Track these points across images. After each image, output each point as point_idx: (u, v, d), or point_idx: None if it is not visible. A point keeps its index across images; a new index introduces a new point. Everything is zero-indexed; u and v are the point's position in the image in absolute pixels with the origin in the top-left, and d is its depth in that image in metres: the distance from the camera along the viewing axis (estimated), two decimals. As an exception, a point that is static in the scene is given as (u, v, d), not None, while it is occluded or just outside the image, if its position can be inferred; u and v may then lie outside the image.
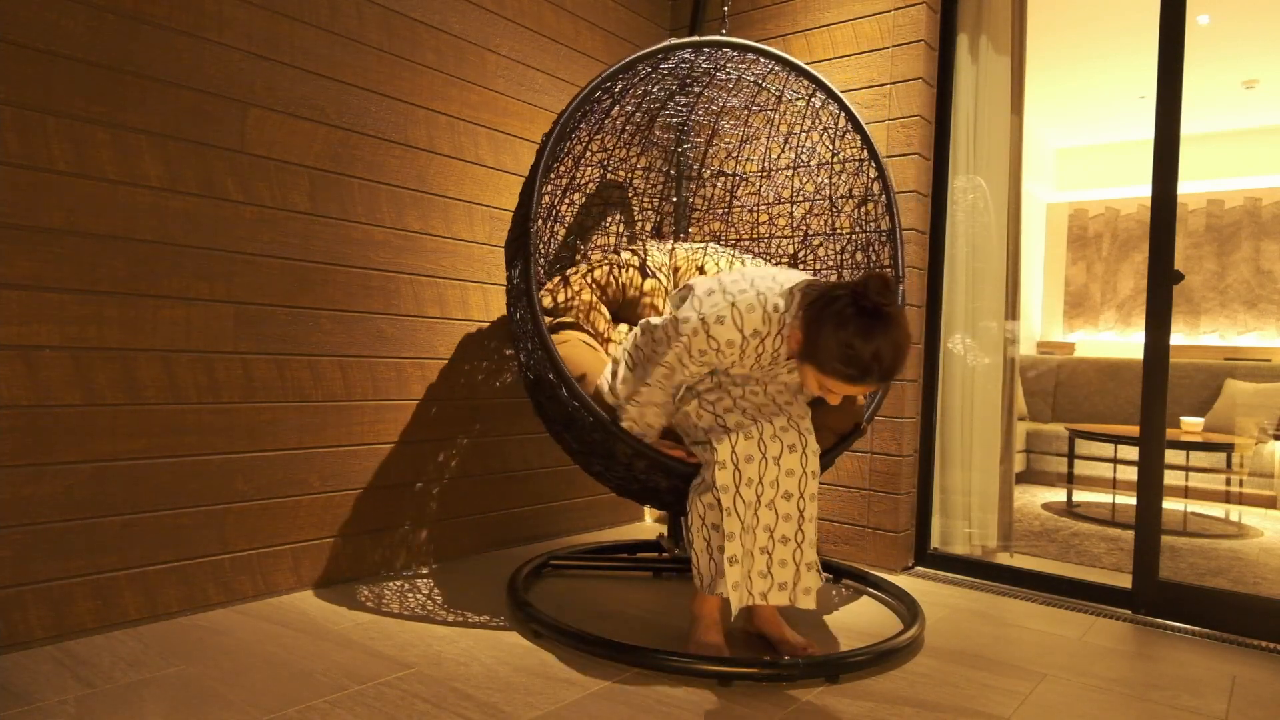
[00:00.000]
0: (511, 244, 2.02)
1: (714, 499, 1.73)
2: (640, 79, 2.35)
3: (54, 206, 1.73)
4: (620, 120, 2.56)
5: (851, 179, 2.48)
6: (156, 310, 1.89)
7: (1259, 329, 5.54)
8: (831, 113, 2.44)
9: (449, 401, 2.52)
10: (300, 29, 2.12)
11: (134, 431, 1.86)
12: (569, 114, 1.96)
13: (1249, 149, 5.63)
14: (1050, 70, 4.90)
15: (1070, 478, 4.41)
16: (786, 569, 1.78)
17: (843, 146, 2.48)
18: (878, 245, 2.38)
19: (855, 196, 2.47)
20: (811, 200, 2.60)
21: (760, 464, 1.75)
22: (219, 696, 1.52)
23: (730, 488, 1.72)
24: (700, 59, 2.35)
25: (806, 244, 2.61)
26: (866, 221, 2.44)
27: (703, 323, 1.70)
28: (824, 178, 2.57)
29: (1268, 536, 3.68)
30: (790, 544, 1.78)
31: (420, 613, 2.05)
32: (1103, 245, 6.18)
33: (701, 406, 1.83)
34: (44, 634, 1.73)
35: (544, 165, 1.92)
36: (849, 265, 2.51)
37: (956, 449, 2.76)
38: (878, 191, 2.38)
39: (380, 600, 2.13)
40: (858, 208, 2.47)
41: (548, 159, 1.93)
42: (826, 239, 2.57)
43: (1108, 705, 1.68)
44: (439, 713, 1.50)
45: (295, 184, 2.13)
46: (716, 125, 2.69)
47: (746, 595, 1.74)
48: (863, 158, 2.41)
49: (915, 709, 1.60)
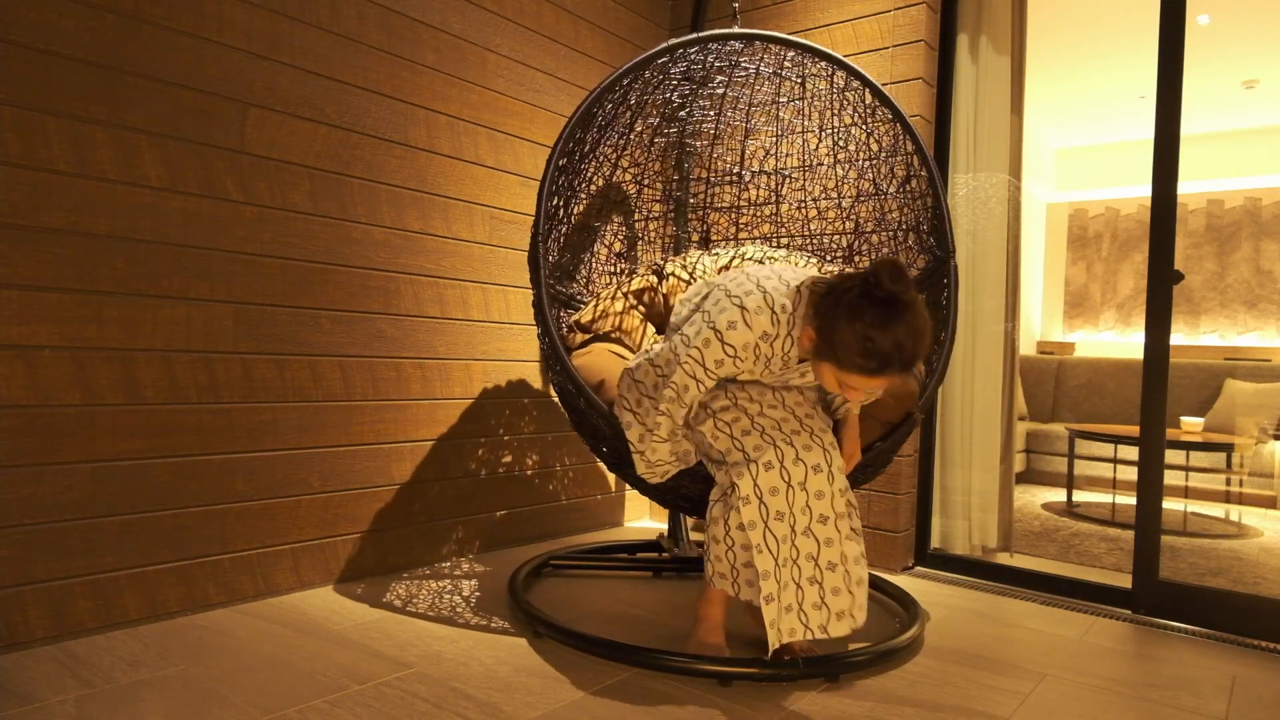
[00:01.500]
0: (530, 259, 2.01)
1: (741, 527, 1.67)
2: (655, 87, 2.34)
3: (54, 206, 1.73)
4: (647, 134, 2.53)
5: (891, 158, 2.36)
6: (156, 310, 1.89)
7: (1259, 329, 5.54)
8: (856, 89, 2.35)
9: (449, 401, 2.52)
10: (300, 29, 2.12)
11: (134, 431, 1.86)
12: (570, 129, 1.95)
13: (1249, 149, 5.63)
14: (1050, 70, 4.90)
15: (1070, 478, 4.41)
16: (841, 597, 1.71)
17: (875, 125, 2.38)
18: (925, 225, 2.25)
19: (898, 175, 2.35)
20: (857, 186, 2.46)
21: (787, 494, 1.67)
22: (219, 696, 1.52)
23: (758, 524, 1.65)
24: (710, 57, 2.33)
25: (860, 234, 2.48)
26: (913, 200, 2.30)
27: (715, 332, 1.62)
28: (864, 160, 2.45)
29: (1268, 536, 3.68)
30: (839, 569, 1.71)
31: (420, 612, 2.05)
32: (1103, 245, 6.18)
33: (717, 427, 1.75)
34: (44, 634, 1.73)
35: (549, 182, 1.91)
36: (902, 248, 2.35)
37: (956, 449, 2.76)
38: (918, 165, 2.25)
39: (380, 600, 2.13)
40: (901, 187, 2.35)
41: (552, 176, 1.92)
42: (879, 226, 2.43)
43: (1108, 705, 1.67)
44: (439, 713, 1.50)
45: (295, 184, 2.13)
46: (749, 124, 2.66)
47: (801, 629, 1.67)
48: (896, 131, 2.31)
49: (915, 709, 1.60)
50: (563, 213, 2.31)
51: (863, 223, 2.49)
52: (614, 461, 2.01)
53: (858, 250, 2.50)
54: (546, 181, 1.95)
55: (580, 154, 2.22)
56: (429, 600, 2.15)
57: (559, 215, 2.21)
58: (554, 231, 2.20)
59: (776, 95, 2.56)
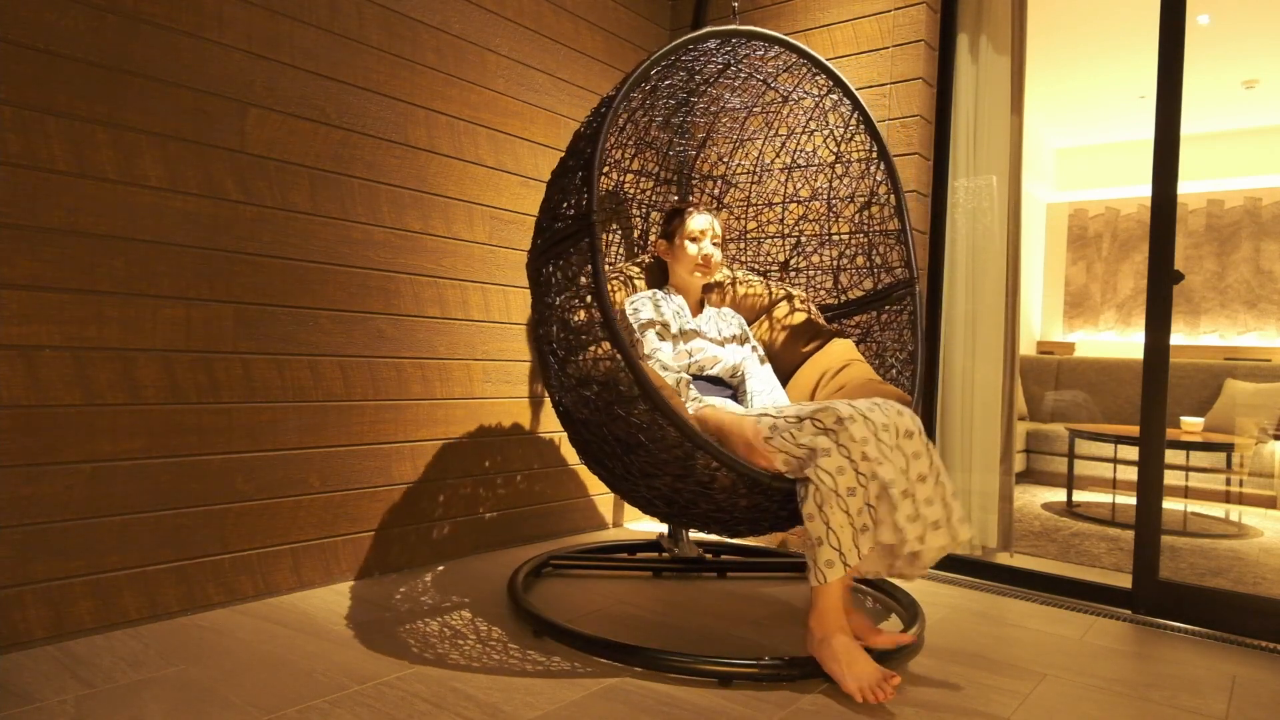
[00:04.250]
0: (560, 242, 1.85)
1: (845, 461, 1.65)
2: (666, 83, 2.34)
3: (54, 206, 1.73)
4: (645, 135, 2.55)
5: (856, 181, 2.44)
6: (156, 310, 1.89)
7: (1259, 329, 5.54)
8: (842, 114, 2.41)
9: (449, 401, 2.52)
10: (300, 29, 2.12)
11: (134, 431, 1.86)
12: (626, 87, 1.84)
13: (1249, 149, 5.63)
14: (1050, 70, 4.90)
15: (1070, 478, 4.41)
16: (934, 507, 1.73)
17: (848, 150, 2.45)
18: (884, 248, 2.36)
19: (859, 199, 2.43)
20: (806, 204, 2.56)
21: (861, 421, 1.70)
22: (219, 696, 1.52)
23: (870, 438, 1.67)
24: (720, 54, 2.32)
25: (799, 250, 2.59)
26: (870, 225, 2.40)
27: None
28: (823, 181, 2.53)
29: (1268, 536, 3.68)
30: (929, 481, 1.74)
31: (420, 612, 2.05)
32: (1103, 245, 6.18)
33: (774, 433, 1.77)
34: (44, 634, 1.73)
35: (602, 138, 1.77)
36: (848, 269, 2.48)
37: (956, 449, 2.76)
38: (884, 194, 2.35)
39: (380, 600, 2.13)
40: (860, 211, 2.43)
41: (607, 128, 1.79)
42: (821, 244, 2.54)
43: (1108, 705, 1.67)
44: (439, 713, 1.50)
45: (295, 184, 2.13)
46: (713, 126, 2.67)
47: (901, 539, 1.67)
48: (871, 158, 2.37)
49: (915, 709, 1.60)
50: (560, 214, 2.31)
51: (805, 240, 2.57)
52: (628, 475, 1.98)
53: (794, 267, 2.59)
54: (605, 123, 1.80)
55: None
56: (429, 600, 2.15)
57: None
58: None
59: (755, 102, 2.57)
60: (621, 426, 1.79)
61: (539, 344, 2.00)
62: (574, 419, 1.95)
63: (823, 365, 2.29)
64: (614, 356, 1.72)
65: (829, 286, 2.51)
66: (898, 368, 2.26)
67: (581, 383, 1.82)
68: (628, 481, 1.95)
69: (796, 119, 2.55)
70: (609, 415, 1.80)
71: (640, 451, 1.81)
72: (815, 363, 2.32)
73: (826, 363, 2.28)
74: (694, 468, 1.77)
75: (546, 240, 1.91)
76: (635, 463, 1.85)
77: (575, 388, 1.86)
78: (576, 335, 1.81)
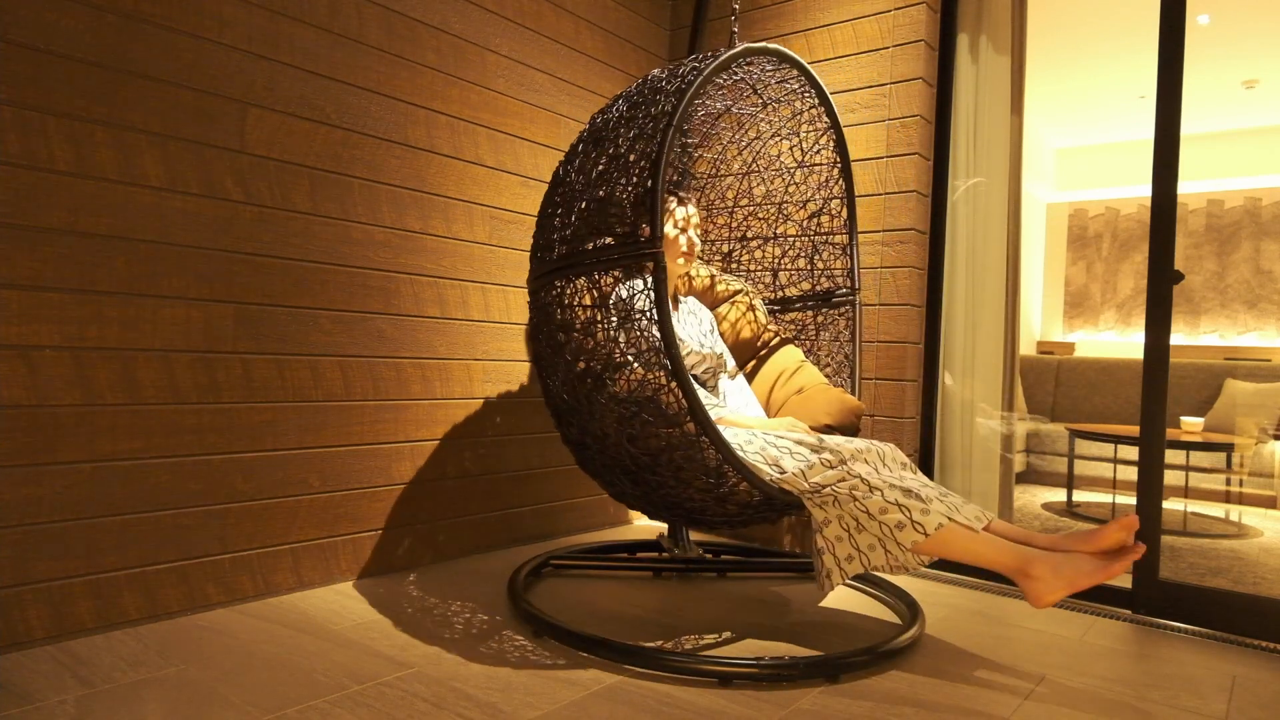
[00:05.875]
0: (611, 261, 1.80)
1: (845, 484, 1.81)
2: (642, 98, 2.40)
3: (54, 206, 1.73)
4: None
5: (814, 190, 2.62)
6: (156, 310, 1.89)
7: (1259, 329, 5.54)
8: (817, 128, 2.54)
9: (449, 402, 2.52)
10: (300, 29, 2.12)
11: (134, 431, 1.86)
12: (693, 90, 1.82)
13: (1249, 149, 5.63)
14: (1050, 70, 4.90)
15: (1070, 478, 4.41)
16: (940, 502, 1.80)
17: (811, 160, 2.60)
18: (827, 254, 2.57)
19: (810, 205, 2.63)
20: (756, 205, 2.75)
21: (863, 465, 1.89)
22: (219, 696, 1.52)
23: (851, 479, 1.81)
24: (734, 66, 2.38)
25: (744, 244, 2.78)
26: (815, 231, 2.61)
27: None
28: (778, 185, 2.70)
29: (1268, 536, 3.68)
30: (920, 488, 1.83)
31: (420, 612, 2.05)
32: (1103, 245, 6.18)
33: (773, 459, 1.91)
34: (44, 634, 1.73)
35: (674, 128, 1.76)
36: (788, 269, 2.67)
37: (956, 449, 2.76)
38: (837, 208, 2.54)
39: (380, 600, 2.13)
40: (810, 218, 2.62)
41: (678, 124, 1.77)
42: (764, 242, 2.74)
43: (1107, 705, 1.67)
44: (439, 713, 1.50)
45: (295, 184, 2.13)
46: (688, 124, 2.74)
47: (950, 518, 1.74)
48: (834, 174, 2.55)
49: (915, 709, 1.60)
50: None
51: (750, 238, 2.78)
52: (638, 493, 2.01)
53: (737, 259, 2.81)
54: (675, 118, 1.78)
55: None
56: (429, 600, 2.15)
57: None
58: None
59: (732, 103, 2.66)
60: (654, 445, 1.81)
61: (549, 357, 1.99)
62: (587, 437, 1.97)
63: (780, 365, 2.49)
64: (662, 381, 1.75)
65: (768, 281, 2.75)
66: (833, 367, 2.51)
67: (618, 402, 1.82)
68: (639, 493, 2.02)
69: (770, 124, 2.66)
70: (643, 433, 1.81)
71: (663, 470, 1.84)
72: (772, 363, 2.51)
73: (783, 363, 2.49)
74: (723, 484, 1.80)
75: (577, 257, 1.86)
76: (654, 480, 1.87)
77: (607, 406, 1.84)
78: (620, 355, 1.81)
